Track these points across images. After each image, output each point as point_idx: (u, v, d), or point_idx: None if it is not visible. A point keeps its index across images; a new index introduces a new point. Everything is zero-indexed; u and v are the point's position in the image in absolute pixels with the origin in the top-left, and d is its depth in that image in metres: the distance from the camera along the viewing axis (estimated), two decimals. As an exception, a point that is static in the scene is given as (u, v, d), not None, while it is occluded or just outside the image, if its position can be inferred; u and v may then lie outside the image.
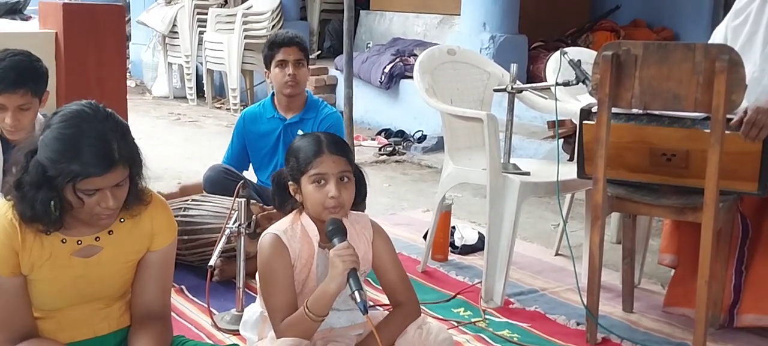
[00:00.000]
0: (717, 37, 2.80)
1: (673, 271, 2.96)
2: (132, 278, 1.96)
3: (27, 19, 9.53)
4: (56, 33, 3.77)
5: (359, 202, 2.19)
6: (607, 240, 3.19)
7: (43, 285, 1.84)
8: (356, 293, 1.94)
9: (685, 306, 2.83)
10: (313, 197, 2.06)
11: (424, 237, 3.53)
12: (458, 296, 3.11)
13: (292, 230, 2.12)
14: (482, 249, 3.32)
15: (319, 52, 8.55)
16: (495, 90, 3.28)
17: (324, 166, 2.05)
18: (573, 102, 3.17)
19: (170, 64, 8.80)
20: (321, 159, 2.06)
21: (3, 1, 10.01)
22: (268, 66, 3.39)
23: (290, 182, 2.13)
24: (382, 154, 6.05)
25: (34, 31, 4.02)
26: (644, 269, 3.31)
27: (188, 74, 8.45)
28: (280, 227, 2.13)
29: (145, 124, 6.87)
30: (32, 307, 1.87)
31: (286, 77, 3.33)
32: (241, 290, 2.73)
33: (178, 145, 6.20)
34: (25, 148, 1.78)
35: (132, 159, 1.78)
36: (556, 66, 3.11)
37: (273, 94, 3.47)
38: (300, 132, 3.33)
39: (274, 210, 2.44)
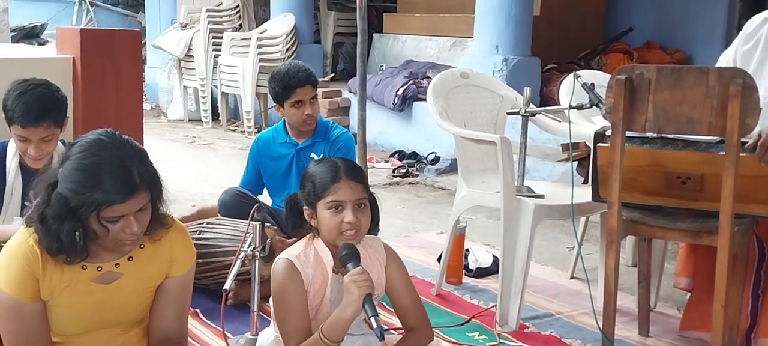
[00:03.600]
0: (725, 60, 2.79)
1: (688, 294, 2.94)
2: (150, 303, 1.97)
3: (44, 43, 9.66)
4: (74, 58, 3.80)
5: (372, 226, 2.19)
6: (622, 263, 3.18)
7: (63, 311, 1.86)
8: (372, 318, 1.94)
9: (701, 330, 2.81)
10: (329, 223, 2.07)
11: (438, 260, 3.52)
12: (473, 319, 3.10)
13: (305, 256, 2.12)
14: (497, 272, 3.31)
15: (333, 74, 8.60)
16: (508, 113, 3.28)
17: (341, 194, 2.06)
18: (587, 125, 3.17)
19: (185, 88, 8.87)
20: (338, 185, 2.06)
21: (20, 26, 10.15)
22: (280, 103, 3.38)
23: (305, 207, 2.13)
24: (395, 177, 6.06)
25: (51, 56, 4.06)
26: (660, 293, 3.29)
27: (203, 97, 8.52)
28: (293, 252, 2.13)
29: (160, 147, 6.92)
30: (51, 332, 1.88)
31: (304, 116, 3.36)
32: (255, 313, 2.73)
33: (192, 168, 6.24)
34: (45, 181, 1.80)
35: (152, 183, 1.80)
36: (569, 89, 3.11)
37: (285, 120, 3.49)
38: (313, 156, 3.35)
39: (289, 238, 2.44)
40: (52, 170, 1.81)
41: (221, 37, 8.26)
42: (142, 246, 1.90)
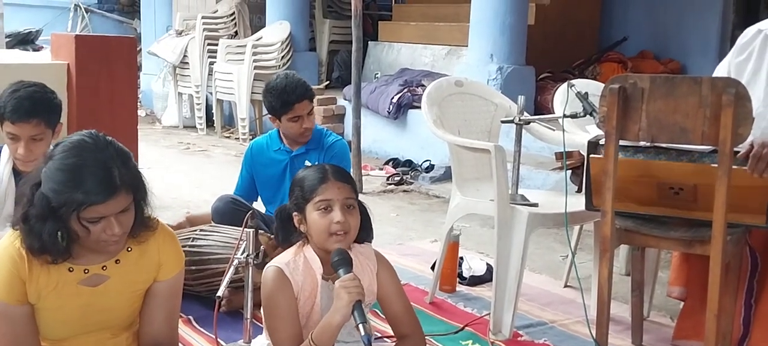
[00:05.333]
0: (720, 72, 2.81)
1: (682, 303, 2.94)
2: (139, 307, 1.97)
3: (39, 49, 9.64)
4: (68, 64, 3.80)
5: (365, 235, 2.20)
6: (616, 272, 3.18)
7: (50, 314, 1.86)
8: (361, 325, 1.94)
9: (694, 339, 2.81)
10: (318, 224, 2.07)
11: (432, 268, 3.52)
12: (466, 328, 3.09)
13: (295, 262, 2.12)
14: (490, 280, 3.31)
15: (328, 82, 8.60)
16: (502, 121, 3.29)
17: (329, 193, 2.07)
18: (581, 133, 3.18)
19: (180, 94, 8.86)
20: (326, 186, 2.07)
21: (15, 32, 10.14)
22: (277, 116, 3.36)
23: (295, 213, 2.14)
24: (389, 184, 6.06)
25: (46, 62, 4.06)
26: (653, 302, 3.29)
27: (198, 104, 8.51)
28: (283, 259, 2.13)
29: (154, 154, 6.91)
30: (40, 336, 1.88)
31: (302, 129, 3.36)
32: (248, 321, 2.72)
33: (187, 175, 6.23)
34: (30, 181, 1.80)
35: (135, 185, 1.79)
36: (563, 98, 3.12)
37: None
38: (307, 163, 3.35)
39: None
40: (37, 171, 1.81)
41: (216, 44, 8.27)
42: (129, 249, 1.90)
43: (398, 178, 6.15)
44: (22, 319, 1.82)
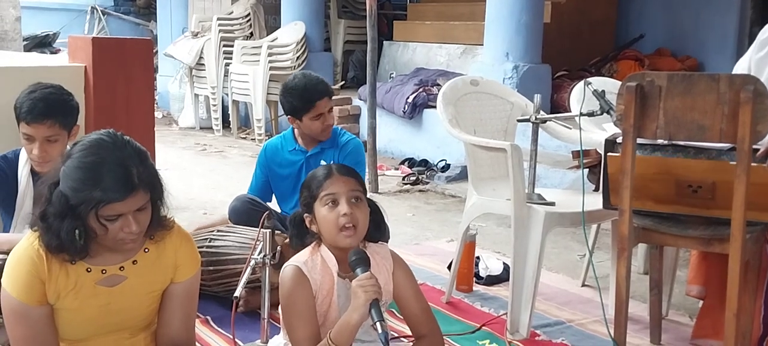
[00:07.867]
0: (740, 68, 2.78)
1: (701, 302, 2.92)
2: (156, 308, 1.99)
3: (56, 52, 9.73)
4: (85, 67, 3.82)
5: (380, 234, 2.20)
6: (634, 271, 3.16)
7: (69, 314, 1.87)
8: (378, 324, 1.95)
9: (713, 338, 2.79)
10: (326, 219, 2.09)
11: (449, 268, 3.52)
12: (483, 327, 3.09)
13: (312, 262, 2.14)
14: (507, 280, 3.31)
15: (343, 82, 8.62)
16: (519, 120, 3.28)
17: (334, 187, 2.10)
18: (598, 132, 3.16)
19: (197, 96, 8.91)
20: (330, 180, 2.11)
21: (33, 35, 10.23)
22: (298, 116, 3.37)
23: (306, 214, 2.16)
24: (405, 184, 6.06)
25: (63, 64, 4.08)
26: (672, 301, 3.27)
27: (214, 105, 8.55)
28: (300, 258, 2.15)
29: (171, 155, 6.95)
30: (58, 336, 1.89)
31: (324, 126, 3.37)
32: (265, 321, 2.73)
33: (204, 176, 6.26)
34: (48, 180, 1.83)
35: (152, 183, 1.82)
36: (580, 96, 3.11)
37: (293, 128, 3.50)
38: (322, 162, 3.36)
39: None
40: (55, 170, 1.83)
41: (232, 46, 8.30)
42: (146, 250, 1.92)
43: (414, 177, 6.14)
44: (41, 319, 1.84)
